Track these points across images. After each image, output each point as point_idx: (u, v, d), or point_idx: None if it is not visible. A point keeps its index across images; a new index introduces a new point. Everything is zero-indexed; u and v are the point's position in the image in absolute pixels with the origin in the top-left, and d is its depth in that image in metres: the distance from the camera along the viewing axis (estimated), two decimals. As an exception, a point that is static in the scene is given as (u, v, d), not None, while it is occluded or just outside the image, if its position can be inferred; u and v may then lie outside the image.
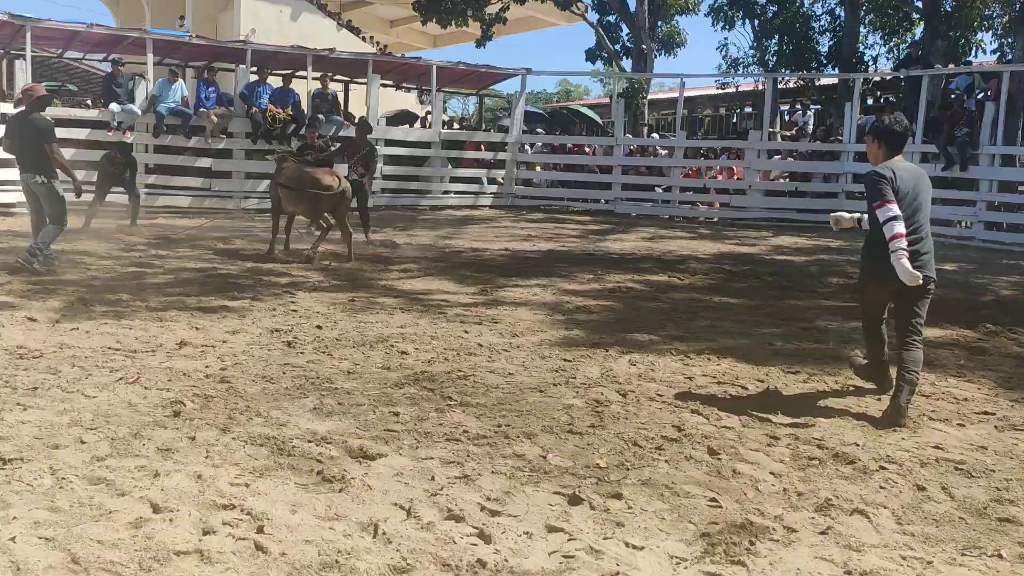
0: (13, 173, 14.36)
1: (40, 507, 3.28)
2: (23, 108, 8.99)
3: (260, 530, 3.17)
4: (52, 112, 15.29)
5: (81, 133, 14.98)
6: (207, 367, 5.45)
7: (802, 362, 6.09)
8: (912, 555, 3.21)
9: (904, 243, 4.66)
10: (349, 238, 10.38)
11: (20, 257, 8.38)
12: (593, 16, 25.22)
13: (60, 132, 12.85)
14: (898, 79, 20.76)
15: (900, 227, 4.66)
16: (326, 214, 10.50)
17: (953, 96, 17.56)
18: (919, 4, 20.34)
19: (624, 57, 24.52)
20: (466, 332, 6.75)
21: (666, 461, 4.06)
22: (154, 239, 11.92)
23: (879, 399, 5.21)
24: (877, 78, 21.85)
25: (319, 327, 6.73)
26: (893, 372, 5.03)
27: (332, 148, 12.87)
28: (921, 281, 4.70)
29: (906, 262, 4.63)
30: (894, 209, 4.67)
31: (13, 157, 10.06)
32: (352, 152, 12.60)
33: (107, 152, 13.29)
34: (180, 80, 16.35)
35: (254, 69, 17.13)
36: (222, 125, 16.09)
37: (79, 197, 9.39)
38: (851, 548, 3.24)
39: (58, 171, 8.70)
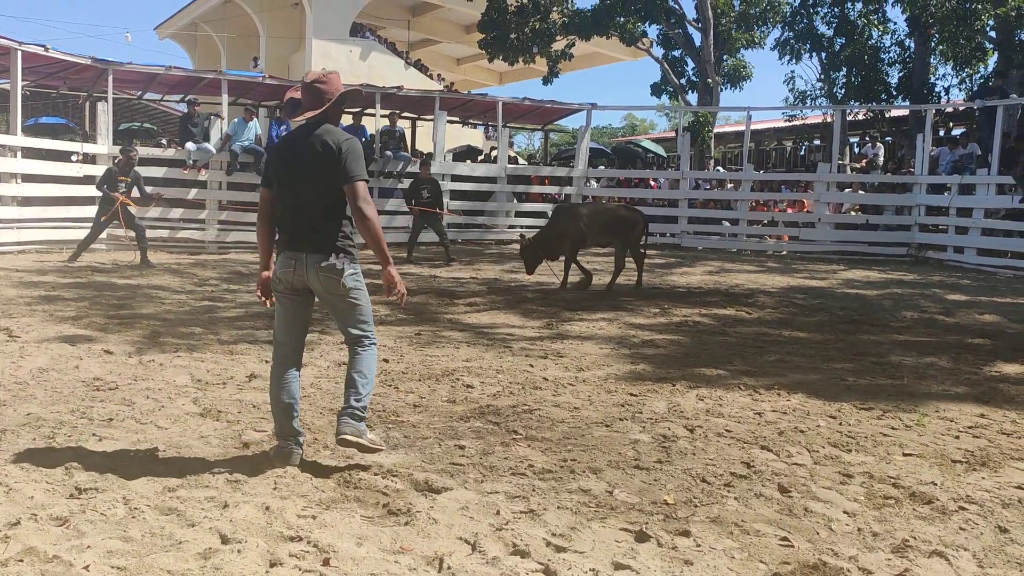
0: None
1: (113, 536, 3.34)
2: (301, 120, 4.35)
3: (326, 562, 3.17)
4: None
5: (159, 171, 15.43)
6: (276, 399, 5.51)
7: (875, 398, 5.93)
8: (996, 600, 3.08)
9: None
10: (634, 268, 11.79)
11: (346, 432, 4.18)
12: (658, 51, 25.28)
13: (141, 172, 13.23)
14: (971, 110, 20.34)
15: None
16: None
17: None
18: (992, 34, 19.94)
19: (689, 91, 24.49)
20: (532, 366, 6.74)
21: (735, 498, 3.98)
22: (226, 274, 12.19)
23: (957, 437, 5.05)
24: (950, 109, 21.43)
25: (385, 360, 6.78)
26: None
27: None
28: None
29: None
30: None
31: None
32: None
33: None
34: (254, 119, 16.80)
35: (324, 107, 17.48)
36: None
37: (396, 297, 4.28)
38: (930, 592, 3.12)
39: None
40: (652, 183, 21.40)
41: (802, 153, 27.21)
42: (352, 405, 4.18)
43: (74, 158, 15.56)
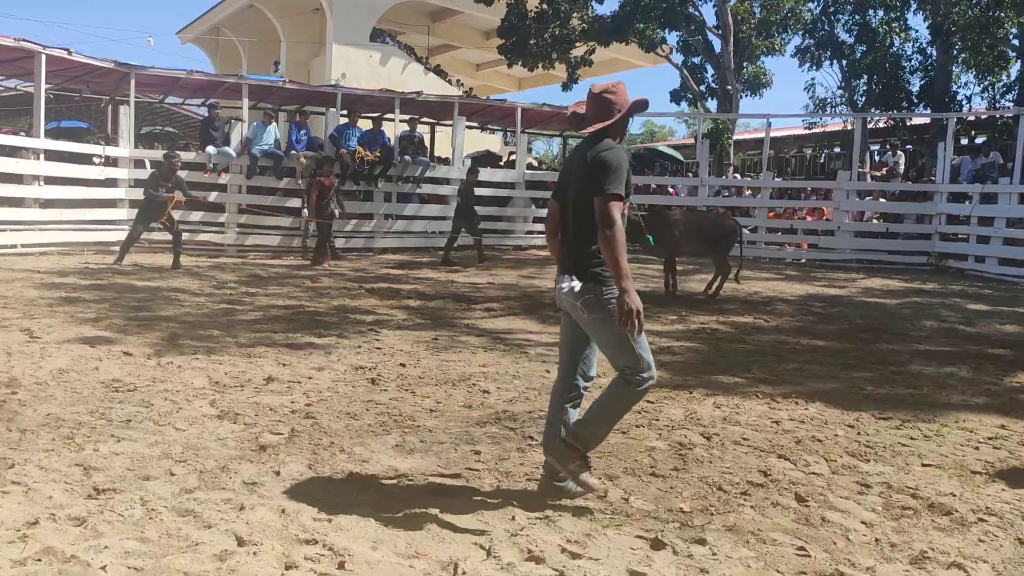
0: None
1: (130, 537, 3.36)
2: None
3: (341, 566, 3.18)
4: (142, 153, 16.05)
5: (181, 174, 15.49)
6: (293, 403, 5.54)
7: (894, 407, 5.89)
8: (1015, 613, 3.04)
9: None
10: (725, 276, 11.63)
11: (547, 455, 4.00)
12: (678, 58, 25.24)
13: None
14: (993, 119, 20.20)
15: None
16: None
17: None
18: (1015, 42, 19.80)
19: (709, 98, 24.45)
20: (548, 372, 6.72)
21: (752, 507, 3.96)
22: (245, 277, 12.25)
23: (977, 448, 5.00)
24: (972, 117, 21.29)
25: (402, 365, 6.79)
26: None
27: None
28: None
29: None
30: None
31: None
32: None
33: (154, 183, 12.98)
34: (274, 123, 16.88)
35: (344, 112, 17.59)
36: (311, 167, 16.51)
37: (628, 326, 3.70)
38: (949, 604, 3.09)
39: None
40: (670, 190, 21.35)
41: (822, 161, 27.11)
42: (568, 432, 3.91)
43: (96, 160, 15.68)
